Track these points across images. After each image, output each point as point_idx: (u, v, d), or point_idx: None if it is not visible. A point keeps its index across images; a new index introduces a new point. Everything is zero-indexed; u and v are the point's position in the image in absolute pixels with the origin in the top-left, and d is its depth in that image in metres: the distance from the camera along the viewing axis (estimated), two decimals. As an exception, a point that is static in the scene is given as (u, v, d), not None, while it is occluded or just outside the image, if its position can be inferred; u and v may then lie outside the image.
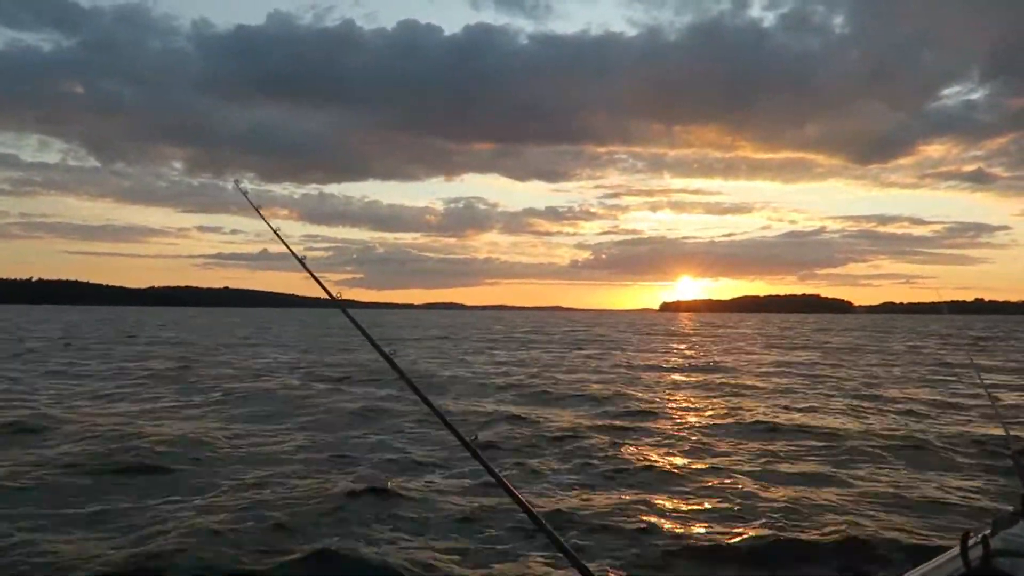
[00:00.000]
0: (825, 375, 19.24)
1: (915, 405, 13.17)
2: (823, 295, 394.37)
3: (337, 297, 2.85)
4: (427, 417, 9.65)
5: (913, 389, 15.99)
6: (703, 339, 42.08)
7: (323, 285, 2.76)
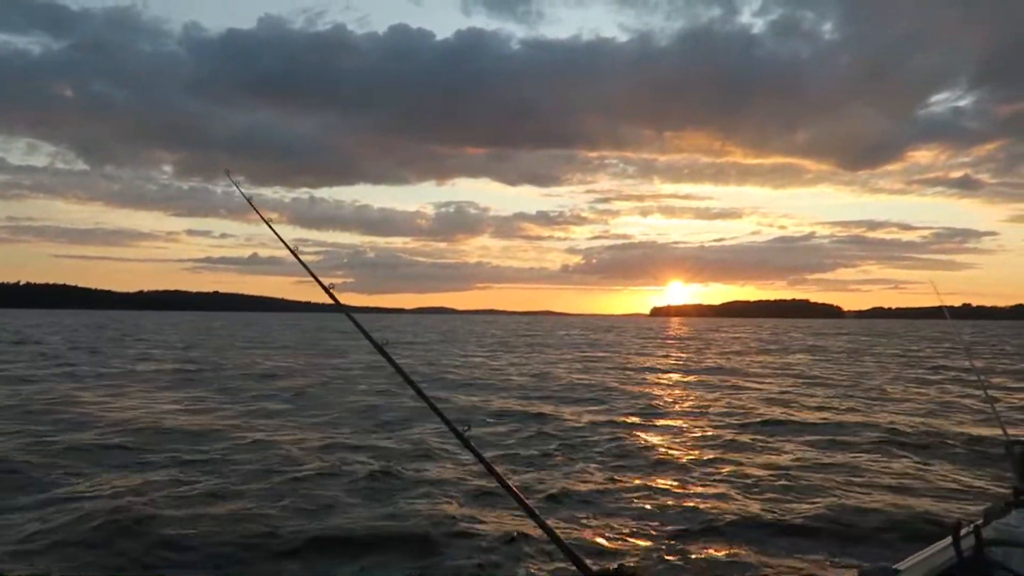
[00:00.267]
0: (825, 376, 19.47)
1: (913, 404, 13.35)
2: (812, 300, 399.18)
3: (334, 295, 2.86)
4: (426, 412, 9.69)
5: (910, 389, 16.20)
6: (700, 343, 42.24)
7: (323, 285, 2.76)
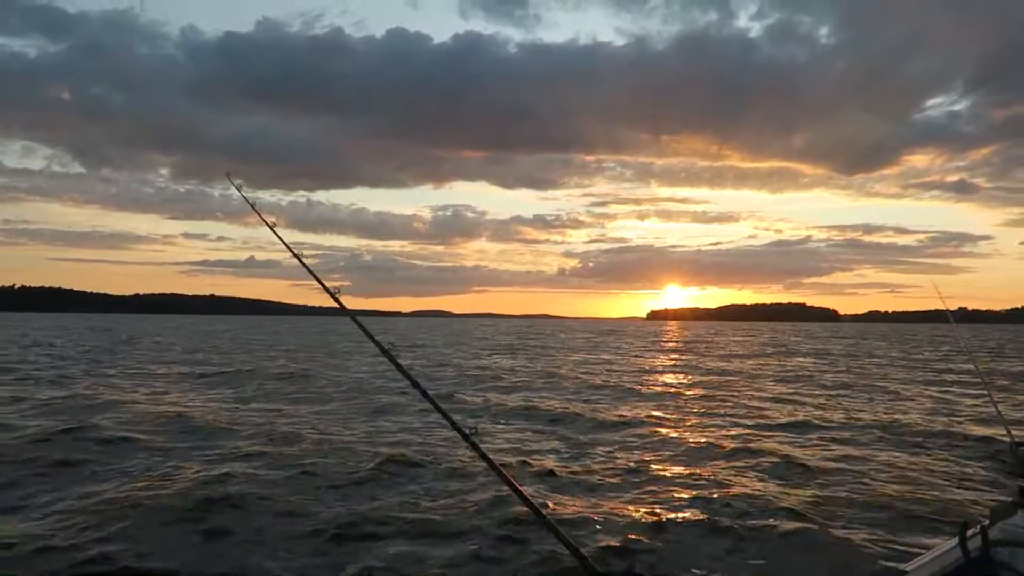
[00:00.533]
0: (832, 378, 19.70)
1: (920, 405, 13.47)
2: (809, 304, 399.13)
3: (339, 299, 2.93)
4: (432, 413, 9.83)
5: (917, 391, 16.37)
6: (703, 346, 42.18)
7: (329, 290, 2.84)
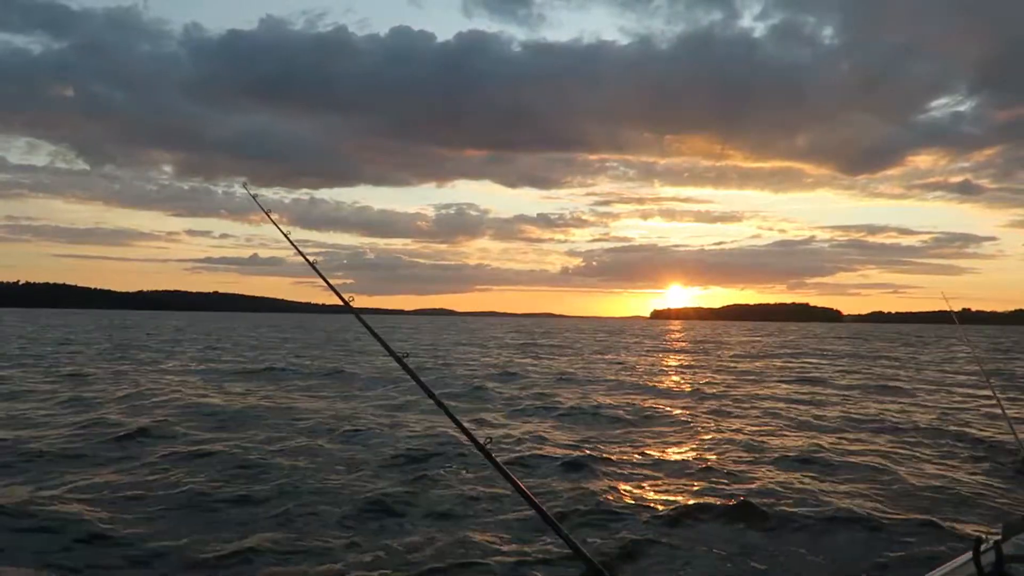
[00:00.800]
0: (839, 380, 19.71)
1: (923, 407, 13.47)
2: (812, 304, 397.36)
3: (347, 301, 2.97)
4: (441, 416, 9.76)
5: (921, 391, 16.34)
6: (716, 346, 42.19)
7: (338, 293, 2.88)
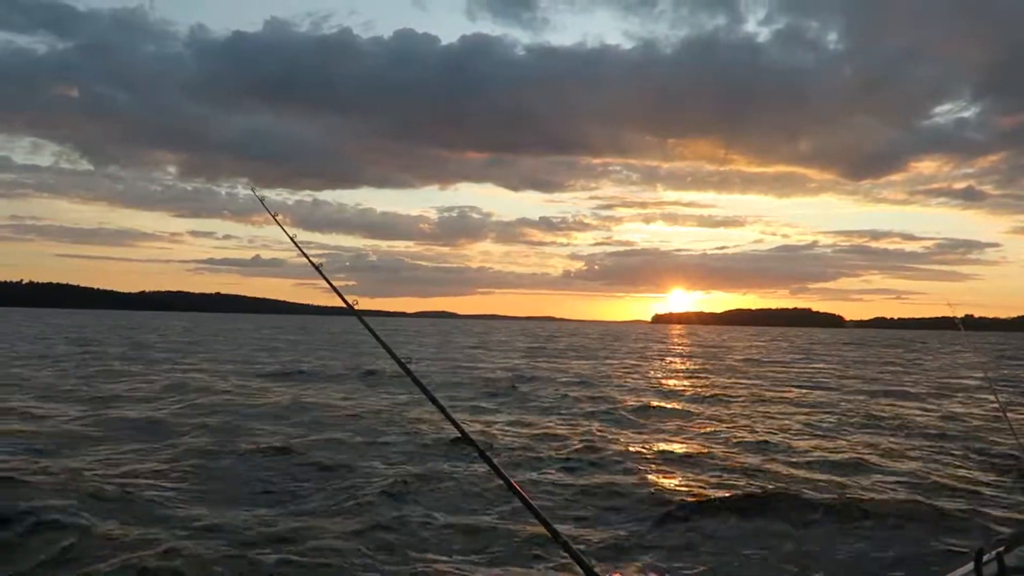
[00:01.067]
0: (846, 384, 19.97)
1: (929, 411, 13.62)
2: (815, 309, 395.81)
3: (354, 306, 3.01)
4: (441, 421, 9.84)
5: (928, 399, 16.43)
6: (726, 351, 42.43)
7: (341, 295, 2.92)
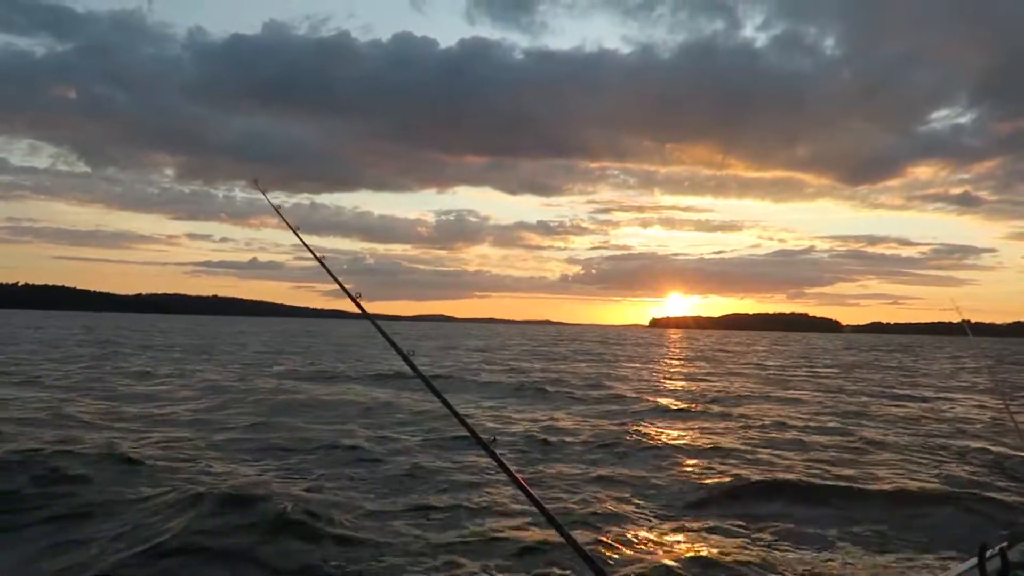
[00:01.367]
0: (851, 387, 20.02)
1: (933, 414, 13.64)
2: (811, 314, 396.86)
3: (361, 305, 3.09)
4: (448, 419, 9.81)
5: (931, 402, 16.48)
6: (728, 355, 42.55)
7: (354, 299, 3.00)
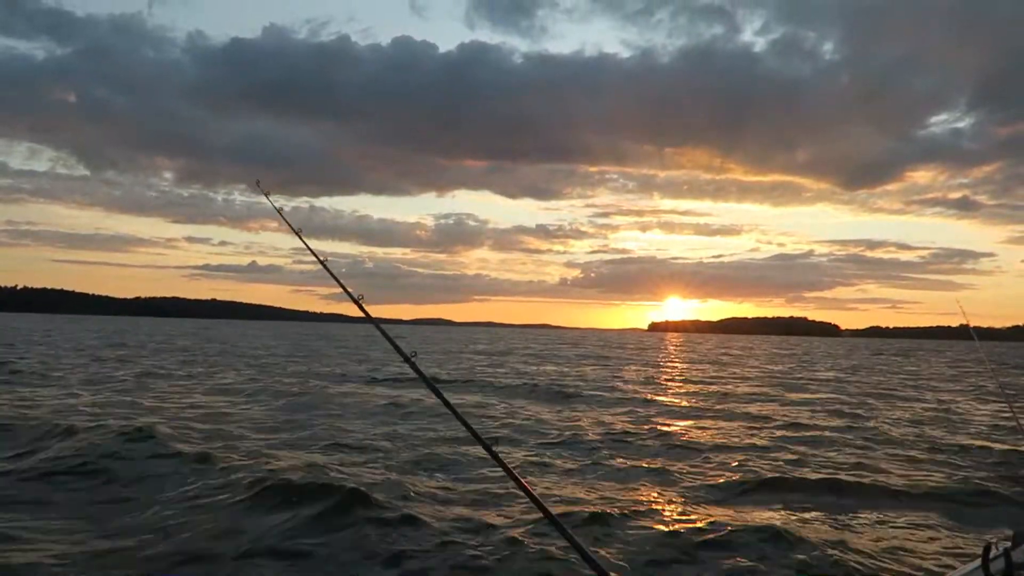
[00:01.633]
0: (854, 391, 20.18)
1: (936, 416, 13.73)
2: (810, 318, 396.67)
3: (364, 308, 3.15)
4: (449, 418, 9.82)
5: (934, 403, 16.56)
6: (733, 358, 42.66)
7: (357, 302, 3.05)
